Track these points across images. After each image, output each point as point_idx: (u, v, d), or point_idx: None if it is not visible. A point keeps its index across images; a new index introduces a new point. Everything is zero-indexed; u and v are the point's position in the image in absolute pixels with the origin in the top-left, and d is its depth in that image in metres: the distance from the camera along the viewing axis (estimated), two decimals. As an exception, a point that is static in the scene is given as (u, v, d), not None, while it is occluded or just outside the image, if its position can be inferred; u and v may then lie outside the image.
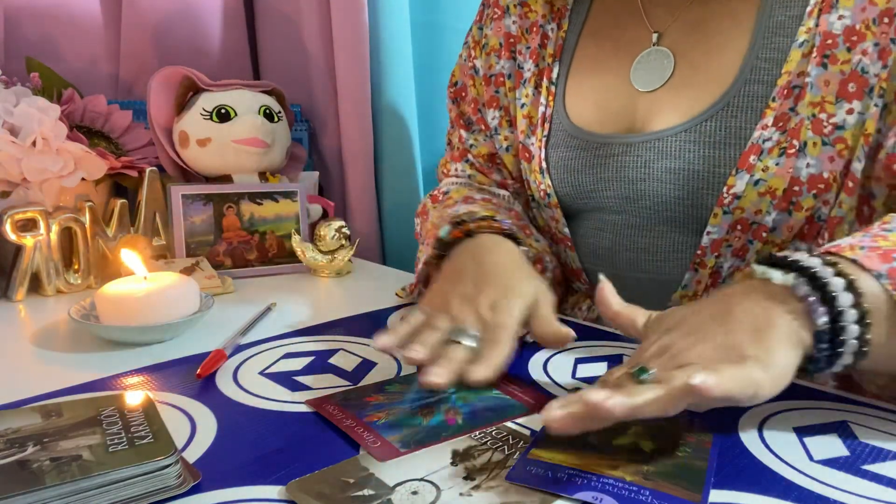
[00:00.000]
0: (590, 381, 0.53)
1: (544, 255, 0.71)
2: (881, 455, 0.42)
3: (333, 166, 1.11)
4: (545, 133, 0.71)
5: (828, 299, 0.41)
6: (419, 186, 1.09)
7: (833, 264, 0.42)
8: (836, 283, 0.41)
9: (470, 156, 0.80)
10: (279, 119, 0.94)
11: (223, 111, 0.89)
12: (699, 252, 0.62)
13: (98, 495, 0.35)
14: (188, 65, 0.92)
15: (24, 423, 0.41)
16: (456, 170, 0.82)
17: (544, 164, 0.70)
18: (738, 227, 0.59)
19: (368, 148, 1.04)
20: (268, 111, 0.92)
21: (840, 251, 0.43)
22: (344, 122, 1.03)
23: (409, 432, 0.44)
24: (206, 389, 0.51)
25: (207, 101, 0.90)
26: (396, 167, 1.06)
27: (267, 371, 0.55)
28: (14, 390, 0.50)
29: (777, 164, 0.57)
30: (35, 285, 0.78)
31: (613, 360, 0.57)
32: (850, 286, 0.41)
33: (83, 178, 0.80)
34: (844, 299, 0.40)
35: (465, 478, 0.39)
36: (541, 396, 0.50)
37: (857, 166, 0.56)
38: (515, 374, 0.54)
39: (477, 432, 0.44)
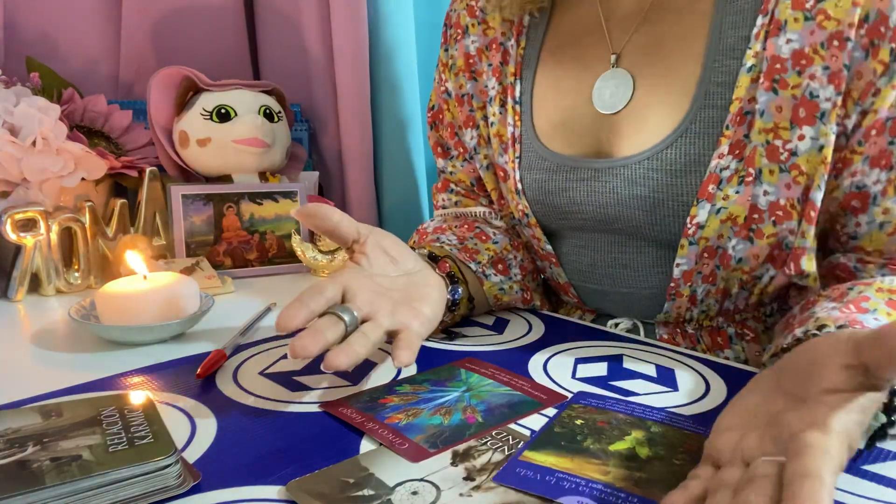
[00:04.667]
0: (590, 381, 0.53)
1: (504, 253, 0.72)
2: (881, 455, 0.42)
3: (333, 166, 1.11)
4: (517, 154, 0.70)
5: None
6: (419, 186, 1.09)
7: None
8: None
9: (452, 184, 0.81)
10: (279, 119, 0.94)
11: (223, 111, 0.89)
12: (672, 284, 0.62)
13: (98, 495, 0.35)
14: (188, 65, 0.92)
15: (24, 423, 0.41)
16: (442, 200, 0.82)
17: (520, 186, 0.69)
18: (706, 254, 0.59)
19: (368, 148, 1.04)
20: (268, 111, 0.92)
21: None
22: (344, 122, 1.03)
23: (433, 432, 0.44)
24: (206, 389, 0.51)
25: (207, 101, 0.90)
26: (396, 167, 1.06)
27: (267, 371, 0.55)
28: (14, 390, 0.50)
29: (737, 193, 0.56)
30: (35, 285, 0.78)
31: (613, 361, 0.57)
32: None
33: (83, 178, 0.80)
34: None
35: (465, 478, 0.39)
36: (551, 391, 0.51)
37: (818, 195, 0.55)
38: (521, 372, 0.54)
39: (494, 430, 0.44)
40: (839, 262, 0.58)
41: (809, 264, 0.57)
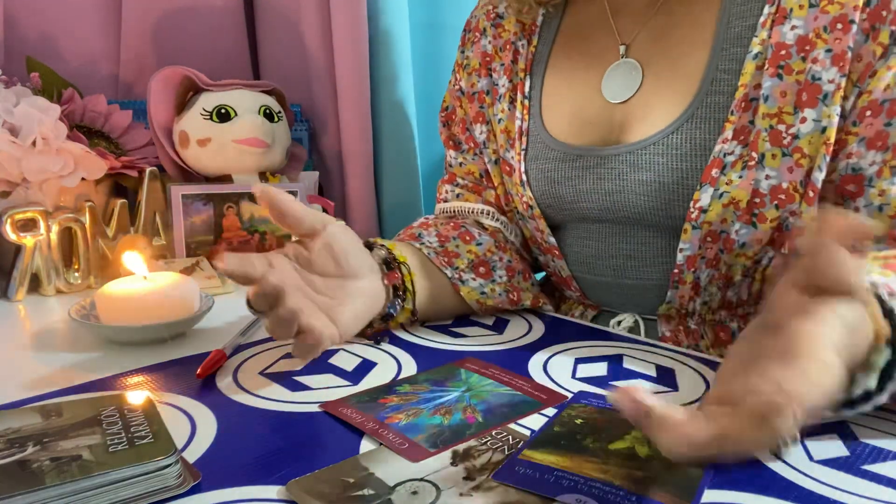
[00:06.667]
0: (590, 381, 0.53)
1: (488, 255, 0.70)
2: (881, 455, 0.42)
3: (333, 166, 1.11)
4: (524, 146, 0.71)
5: None
6: (419, 186, 1.09)
7: None
8: None
9: (458, 178, 0.81)
10: (279, 119, 0.94)
11: (223, 111, 0.89)
12: (676, 270, 0.62)
13: (98, 495, 0.35)
14: (188, 65, 0.92)
15: (24, 423, 0.41)
16: (445, 192, 0.82)
17: (524, 177, 0.70)
18: (709, 238, 0.60)
19: (368, 148, 1.04)
20: (268, 111, 0.92)
21: None
22: (344, 122, 1.03)
23: (433, 432, 0.44)
24: (206, 389, 0.51)
25: (207, 101, 0.90)
26: (396, 167, 1.06)
27: (267, 371, 0.55)
28: (14, 390, 0.50)
29: (740, 178, 0.57)
30: (35, 285, 0.78)
31: (613, 360, 0.57)
32: None
33: (83, 178, 0.80)
34: None
35: (465, 478, 0.39)
36: (551, 391, 0.51)
37: (818, 175, 0.56)
38: (521, 372, 0.54)
39: (493, 430, 0.44)
40: None
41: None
